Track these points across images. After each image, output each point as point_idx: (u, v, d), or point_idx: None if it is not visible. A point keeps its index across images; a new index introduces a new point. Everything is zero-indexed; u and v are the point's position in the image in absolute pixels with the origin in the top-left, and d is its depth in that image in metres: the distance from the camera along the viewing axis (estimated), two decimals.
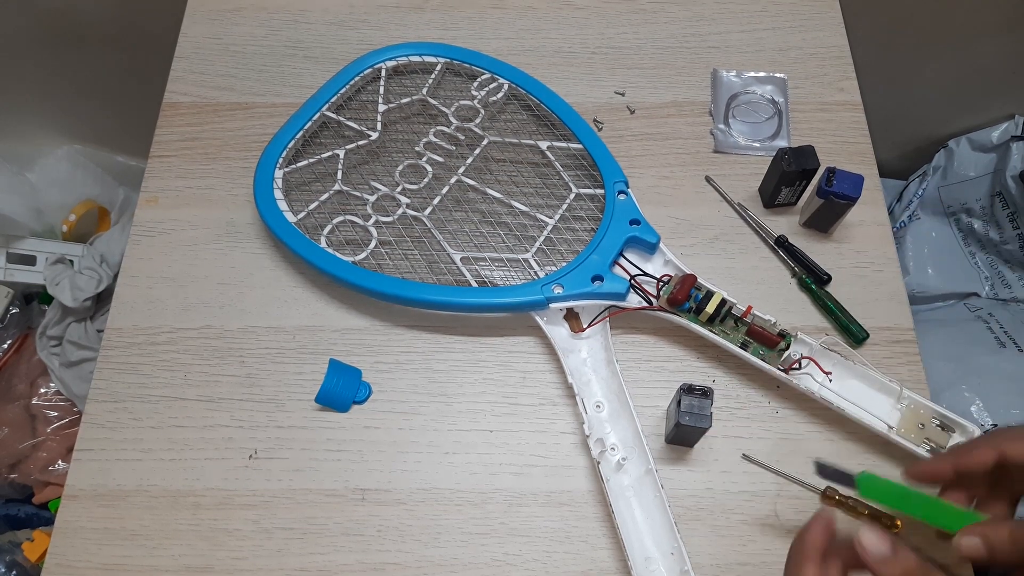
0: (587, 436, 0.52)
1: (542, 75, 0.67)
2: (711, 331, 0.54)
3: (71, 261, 1.02)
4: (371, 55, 0.67)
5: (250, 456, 0.54)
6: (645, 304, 0.55)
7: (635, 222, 0.58)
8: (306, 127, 0.63)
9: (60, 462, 0.97)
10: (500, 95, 0.66)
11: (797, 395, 0.55)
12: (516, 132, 0.65)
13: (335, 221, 0.59)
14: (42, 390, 0.99)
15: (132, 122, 0.99)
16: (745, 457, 0.53)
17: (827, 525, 0.42)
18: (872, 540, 0.39)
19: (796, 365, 0.53)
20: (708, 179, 0.65)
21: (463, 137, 0.64)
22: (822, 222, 0.61)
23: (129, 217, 1.06)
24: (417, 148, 0.63)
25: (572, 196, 0.61)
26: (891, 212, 1.04)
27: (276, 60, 0.71)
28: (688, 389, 0.50)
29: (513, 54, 0.70)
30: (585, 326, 0.56)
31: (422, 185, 0.61)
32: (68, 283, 0.95)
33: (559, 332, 0.56)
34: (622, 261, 0.57)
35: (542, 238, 0.59)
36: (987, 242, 0.99)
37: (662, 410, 0.56)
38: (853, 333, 0.57)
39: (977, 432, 0.51)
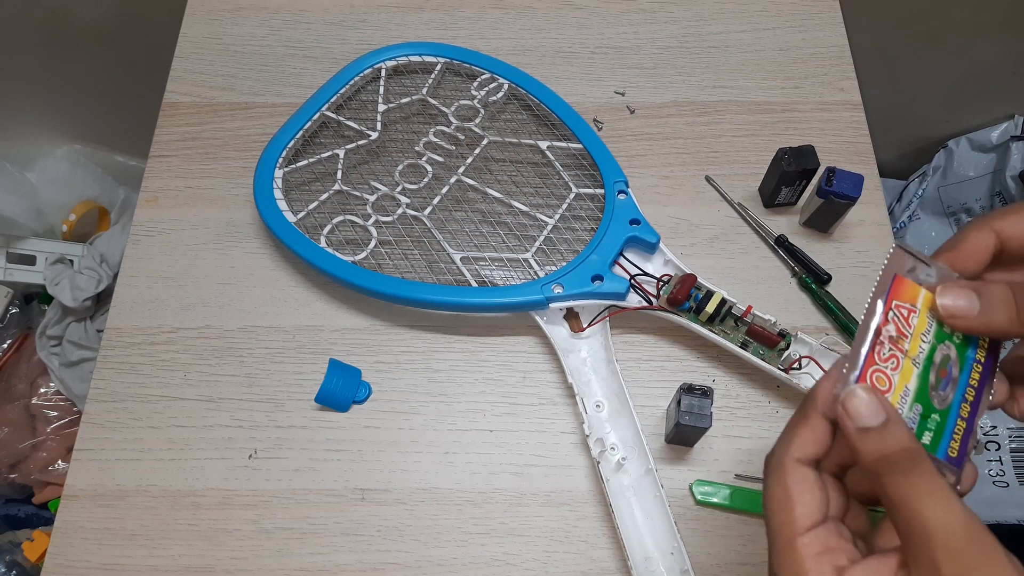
0: (587, 436, 0.52)
1: (542, 75, 0.67)
2: (711, 331, 0.54)
3: (71, 261, 1.02)
4: (371, 55, 0.67)
5: (250, 456, 0.54)
6: (645, 304, 0.55)
7: (635, 222, 0.58)
8: (306, 127, 0.63)
9: (60, 462, 0.97)
10: (500, 95, 0.66)
11: (797, 395, 0.55)
12: (516, 132, 0.65)
13: (335, 221, 0.59)
14: (42, 390, 0.99)
15: (132, 122, 0.99)
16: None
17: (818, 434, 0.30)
18: (861, 402, 0.28)
19: (796, 365, 0.53)
20: (708, 179, 0.65)
21: (463, 137, 0.64)
22: (822, 222, 0.61)
23: (129, 217, 1.06)
24: (417, 148, 0.63)
25: (572, 196, 0.61)
26: (891, 212, 1.04)
27: (276, 60, 0.71)
28: (688, 389, 0.50)
29: (513, 54, 0.70)
30: (585, 326, 0.56)
31: (422, 185, 0.61)
32: (68, 283, 0.95)
33: (559, 332, 0.56)
34: (622, 261, 0.57)
35: (542, 238, 0.59)
36: None
37: (662, 410, 0.56)
38: (853, 333, 0.57)
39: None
